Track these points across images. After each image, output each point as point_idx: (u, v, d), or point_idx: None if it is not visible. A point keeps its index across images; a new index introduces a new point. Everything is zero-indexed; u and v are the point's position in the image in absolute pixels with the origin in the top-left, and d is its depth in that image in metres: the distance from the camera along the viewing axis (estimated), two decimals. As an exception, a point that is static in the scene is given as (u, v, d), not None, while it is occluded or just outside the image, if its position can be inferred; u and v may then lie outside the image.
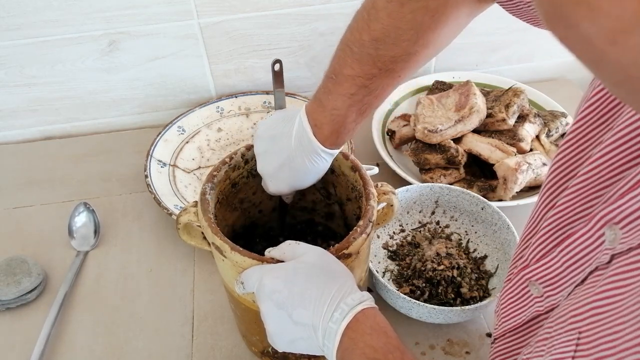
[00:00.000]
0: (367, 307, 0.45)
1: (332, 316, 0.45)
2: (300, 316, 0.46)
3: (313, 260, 0.48)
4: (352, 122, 0.54)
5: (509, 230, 0.72)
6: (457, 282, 0.70)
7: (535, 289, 0.43)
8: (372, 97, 0.52)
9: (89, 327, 0.71)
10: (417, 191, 0.78)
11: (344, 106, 0.52)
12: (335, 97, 0.52)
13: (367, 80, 0.51)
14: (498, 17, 0.54)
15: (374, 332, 0.44)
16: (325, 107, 0.53)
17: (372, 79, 0.51)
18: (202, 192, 0.56)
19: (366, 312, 0.45)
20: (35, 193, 0.90)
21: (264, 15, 0.93)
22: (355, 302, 0.45)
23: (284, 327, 0.47)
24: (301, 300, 0.46)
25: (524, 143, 0.88)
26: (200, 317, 0.72)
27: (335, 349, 0.44)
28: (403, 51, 0.49)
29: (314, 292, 0.46)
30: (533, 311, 0.44)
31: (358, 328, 0.44)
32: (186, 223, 0.57)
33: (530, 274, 0.43)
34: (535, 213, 0.46)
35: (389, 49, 0.49)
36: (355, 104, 0.52)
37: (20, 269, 0.74)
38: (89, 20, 0.88)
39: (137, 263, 0.79)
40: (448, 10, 0.48)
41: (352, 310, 0.44)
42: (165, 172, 0.88)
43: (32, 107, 0.98)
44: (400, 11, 0.47)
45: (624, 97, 0.24)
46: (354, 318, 0.44)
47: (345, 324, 0.44)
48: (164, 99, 1.02)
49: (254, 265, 0.50)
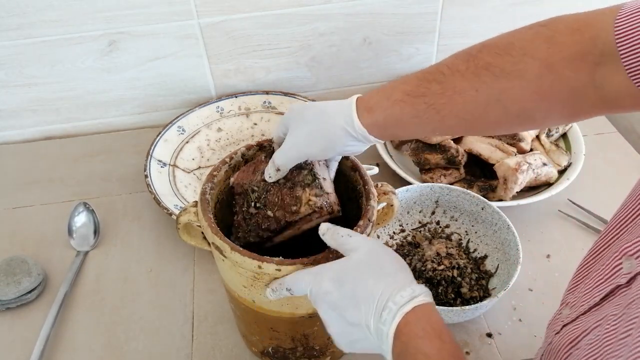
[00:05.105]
0: (419, 305, 0.43)
1: (381, 317, 0.43)
2: (353, 317, 0.45)
3: (362, 256, 0.47)
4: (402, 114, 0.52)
5: (509, 230, 0.72)
6: (457, 282, 0.70)
7: (629, 263, 0.40)
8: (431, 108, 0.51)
9: (89, 327, 0.71)
10: (417, 191, 0.78)
11: (399, 97, 0.51)
12: (396, 86, 0.52)
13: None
14: (499, 18, 0.54)
15: (427, 335, 0.42)
16: (382, 91, 0.52)
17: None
18: (202, 192, 0.56)
19: (417, 312, 0.43)
20: (35, 193, 0.90)
21: (264, 15, 0.93)
22: (405, 299, 0.43)
23: (342, 328, 0.46)
24: (352, 300, 0.45)
25: (524, 143, 0.88)
26: (200, 317, 0.72)
27: (390, 352, 0.43)
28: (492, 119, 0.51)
29: (362, 291, 0.44)
30: (614, 284, 0.42)
31: (409, 331, 0.42)
32: (186, 223, 0.57)
33: (628, 249, 0.41)
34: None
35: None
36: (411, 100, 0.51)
37: (20, 269, 0.74)
38: (89, 20, 0.88)
39: (137, 263, 0.79)
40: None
41: (400, 309, 0.43)
42: (165, 172, 0.88)
43: (32, 107, 0.98)
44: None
45: None
46: (403, 320, 0.42)
47: (395, 326, 0.42)
48: (164, 99, 1.01)
49: (255, 262, 0.50)
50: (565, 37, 0.46)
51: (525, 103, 0.48)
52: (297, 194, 0.54)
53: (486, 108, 0.49)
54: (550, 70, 0.46)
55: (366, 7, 0.96)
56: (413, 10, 0.97)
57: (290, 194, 0.55)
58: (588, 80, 0.46)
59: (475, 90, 0.49)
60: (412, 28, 1.00)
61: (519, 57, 0.47)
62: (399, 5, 0.96)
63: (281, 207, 0.55)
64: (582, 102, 0.48)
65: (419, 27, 1.00)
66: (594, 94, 0.46)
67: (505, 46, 0.49)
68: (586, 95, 0.47)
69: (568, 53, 0.46)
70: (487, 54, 0.49)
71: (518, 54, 0.47)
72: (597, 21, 0.45)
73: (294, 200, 0.54)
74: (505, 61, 0.48)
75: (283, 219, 0.54)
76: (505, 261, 0.72)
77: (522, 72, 0.47)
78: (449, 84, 0.50)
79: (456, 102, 0.49)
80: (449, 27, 1.01)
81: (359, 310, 0.44)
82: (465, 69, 0.49)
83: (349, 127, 0.52)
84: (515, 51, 0.48)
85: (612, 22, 0.44)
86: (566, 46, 0.46)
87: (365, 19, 0.97)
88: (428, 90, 0.50)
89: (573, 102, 0.48)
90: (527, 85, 0.47)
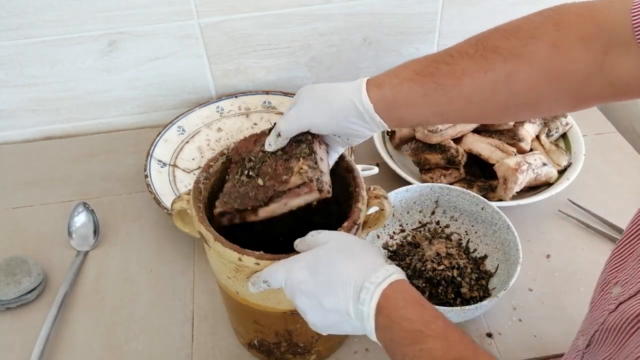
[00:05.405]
0: (394, 281, 0.44)
1: (359, 298, 0.44)
2: (330, 303, 0.46)
3: (334, 245, 0.48)
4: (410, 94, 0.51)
5: (509, 230, 0.72)
6: (457, 282, 0.70)
7: None
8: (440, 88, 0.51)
9: (89, 327, 0.71)
10: (417, 191, 0.78)
11: (408, 75, 0.51)
12: (406, 66, 0.52)
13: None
14: (499, 18, 0.54)
15: (408, 304, 0.43)
16: (392, 71, 0.52)
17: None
18: (195, 181, 0.57)
19: (395, 287, 0.44)
20: (35, 193, 0.90)
21: (264, 15, 0.93)
22: (380, 278, 0.44)
23: (320, 315, 0.47)
24: (327, 286, 0.46)
25: (524, 143, 0.88)
26: (200, 317, 0.72)
27: (373, 330, 0.44)
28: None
29: (337, 276, 0.45)
30: None
31: (390, 304, 0.43)
32: (179, 210, 0.57)
33: None
34: None
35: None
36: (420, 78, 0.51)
37: (20, 269, 0.74)
38: (89, 20, 0.88)
39: (137, 263, 0.79)
40: None
41: (377, 287, 0.44)
42: (165, 172, 0.88)
43: (32, 107, 0.98)
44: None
45: None
46: (383, 295, 0.43)
47: (374, 304, 0.43)
48: (164, 99, 1.02)
49: (236, 254, 0.50)
50: (574, 21, 0.47)
51: (533, 86, 0.49)
52: (290, 165, 0.54)
53: (494, 91, 0.50)
54: (559, 52, 0.47)
55: (366, 7, 0.96)
56: (413, 10, 0.97)
57: (284, 165, 0.55)
58: (596, 64, 0.47)
59: (484, 72, 0.49)
60: (412, 28, 1.00)
61: (527, 40, 0.48)
62: (399, 5, 0.96)
63: (272, 177, 0.55)
64: (589, 87, 0.48)
65: (419, 27, 1.00)
66: (601, 79, 0.47)
67: (513, 30, 0.50)
68: (593, 80, 0.47)
69: (576, 36, 0.47)
70: (496, 38, 0.50)
71: (526, 36, 0.48)
72: (606, 7, 0.46)
73: (287, 171, 0.54)
74: (514, 44, 0.49)
75: (272, 188, 0.54)
76: (505, 261, 0.72)
77: (531, 54, 0.48)
78: (458, 65, 0.50)
79: (465, 83, 0.50)
80: (449, 27, 1.01)
81: (336, 296, 0.45)
82: (474, 52, 0.50)
83: (356, 100, 0.52)
84: (523, 34, 0.49)
85: (622, 10, 0.45)
86: (574, 29, 0.47)
87: (365, 19, 0.97)
88: (437, 70, 0.51)
89: (580, 86, 0.48)
90: (535, 68, 0.48)
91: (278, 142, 0.55)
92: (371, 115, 0.52)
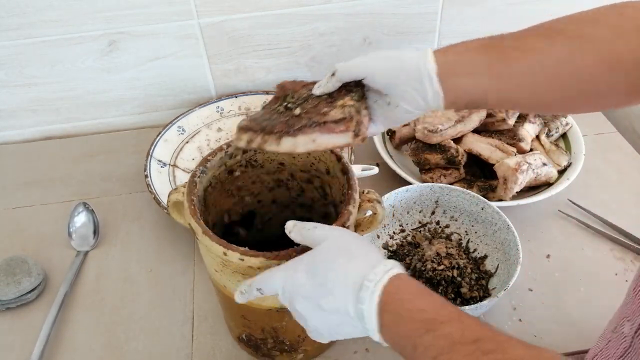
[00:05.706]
0: (394, 275, 0.44)
1: (358, 297, 0.44)
2: (329, 303, 0.45)
3: (329, 243, 0.47)
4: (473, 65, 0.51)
5: (509, 230, 0.72)
6: (457, 282, 0.70)
7: None
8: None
9: (89, 327, 0.71)
10: (417, 191, 0.78)
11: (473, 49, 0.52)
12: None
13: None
14: (499, 18, 0.54)
15: (415, 296, 0.43)
16: (458, 43, 0.53)
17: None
18: (192, 174, 0.57)
19: (395, 282, 0.43)
20: (35, 193, 0.90)
21: (264, 15, 0.93)
22: (379, 275, 0.44)
23: (320, 318, 0.47)
24: (325, 287, 0.45)
25: (524, 143, 0.88)
26: (200, 317, 0.72)
27: (376, 330, 0.43)
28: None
29: (334, 276, 0.45)
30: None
31: (395, 300, 0.43)
32: (175, 201, 0.58)
33: None
34: None
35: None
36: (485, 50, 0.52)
37: (20, 269, 0.74)
38: (89, 20, 0.88)
39: (137, 263, 0.79)
40: None
41: (377, 285, 0.43)
42: (165, 172, 0.88)
43: (32, 107, 0.98)
44: None
45: None
46: (385, 292, 0.43)
47: (375, 303, 0.43)
48: (164, 99, 1.02)
49: (221, 248, 0.50)
50: (635, 13, 0.49)
51: (593, 70, 0.50)
52: (334, 103, 0.51)
53: (556, 71, 0.50)
54: (620, 37, 0.49)
55: (366, 7, 0.96)
56: (413, 10, 0.97)
57: (327, 103, 0.52)
58: None
59: (549, 49, 0.50)
60: (412, 28, 1.00)
61: (591, 24, 0.50)
62: (399, 5, 0.96)
63: (311, 111, 0.51)
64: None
65: (419, 27, 1.00)
66: None
67: (577, 16, 0.52)
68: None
69: (637, 25, 0.48)
70: (561, 22, 0.52)
71: (590, 20, 0.51)
72: None
73: (329, 107, 0.51)
74: (578, 27, 0.51)
75: (307, 117, 0.51)
76: (505, 261, 0.72)
77: (593, 37, 0.50)
78: (523, 40, 0.51)
79: (528, 58, 0.51)
80: (449, 27, 1.01)
81: (334, 296, 0.45)
82: (537, 32, 0.51)
83: (420, 60, 0.51)
84: (588, 19, 0.51)
85: None
86: (636, 20, 0.49)
87: (365, 19, 0.97)
88: (502, 42, 0.51)
89: (637, 77, 0.49)
90: (596, 51, 0.49)
91: (329, 84, 0.53)
92: (431, 79, 0.50)
